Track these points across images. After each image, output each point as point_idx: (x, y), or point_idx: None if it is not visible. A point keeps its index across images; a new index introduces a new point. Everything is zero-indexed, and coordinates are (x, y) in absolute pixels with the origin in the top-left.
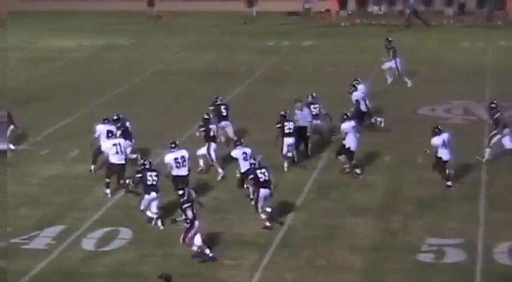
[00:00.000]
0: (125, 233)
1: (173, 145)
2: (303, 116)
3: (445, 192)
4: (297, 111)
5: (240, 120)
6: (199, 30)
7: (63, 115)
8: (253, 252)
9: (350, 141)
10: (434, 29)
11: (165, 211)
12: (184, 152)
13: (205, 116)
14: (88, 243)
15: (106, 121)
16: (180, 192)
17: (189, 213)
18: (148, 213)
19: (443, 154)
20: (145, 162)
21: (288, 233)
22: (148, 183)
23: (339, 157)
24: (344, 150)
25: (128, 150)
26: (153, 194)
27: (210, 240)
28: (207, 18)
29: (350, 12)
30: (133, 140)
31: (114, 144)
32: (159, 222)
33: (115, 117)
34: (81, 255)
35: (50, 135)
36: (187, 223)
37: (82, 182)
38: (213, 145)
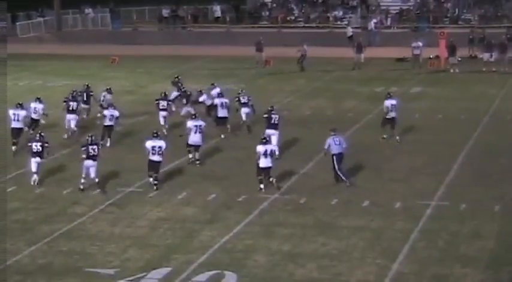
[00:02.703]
0: (230, 277)
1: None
2: None
3: None
4: None
5: (346, 166)
6: (307, 76)
7: (169, 158)
8: None
9: None
10: None
11: None
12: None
13: None
14: None
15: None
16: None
17: None
18: None
19: None
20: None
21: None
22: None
23: None
24: None
25: None
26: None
27: None
28: (316, 64)
29: (460, 59)
30: None
31: None
32: None
33: None
34: None
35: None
36: None
37: (189, 225)
38: None
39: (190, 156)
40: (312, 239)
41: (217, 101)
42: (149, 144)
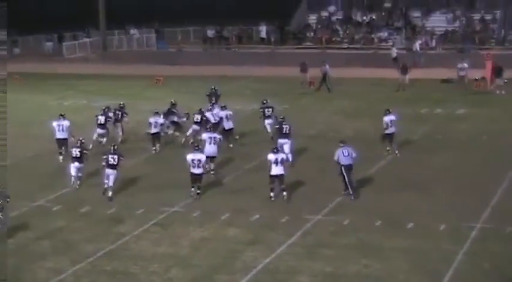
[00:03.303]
0: None
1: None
2: None
3: None
4: None
5: (391, 187)
6: (351, 97)
7: (213, 178)
8: None
9: None
10: None
11: None
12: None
13: None
14: None
15: None
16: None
17: None
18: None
19: None
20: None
21: None
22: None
23: None
24: None
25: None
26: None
27: None
28: (360, 85)
29: (506, 81)
30: None
31: None
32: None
33: None
34: None
35: (201, 198)
36: None
37: (232, 246)
38: None
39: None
40: (356, 260)
41: (222, 113)
42: (189, 157)
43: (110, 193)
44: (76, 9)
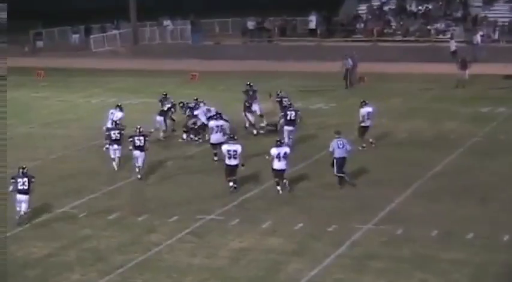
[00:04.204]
0: None
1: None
2: None
3: None
4: None
5: (448, 194)
6: (403, 95)
7: (252, 183)
8: None
9: None
10: None
11: None
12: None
13: None
14: None
15: None
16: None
17: None
18: None
19: None
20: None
21: None
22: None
23: None
24: None
25: None
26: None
27: None
28: (413, 81)
29: None
30: None
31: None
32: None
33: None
34: None
35: (240, 205)
36: None
37: (274, 257)
38: None
39: (216, 158)
40: (409, 274)
41: (211, 123)
42: (225, 148)
43: (139, 175)
44: None
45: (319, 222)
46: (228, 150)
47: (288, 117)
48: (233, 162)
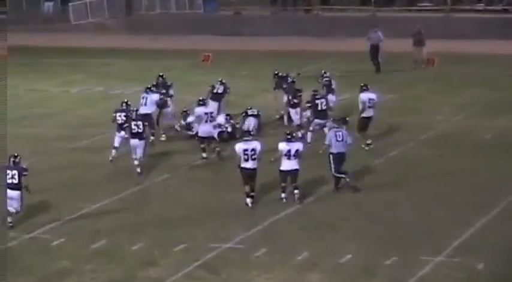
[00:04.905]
0: None
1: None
2: None
3: None
4: None
5: None
6: (486, 83)
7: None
8: None
9: None
10: None
11: None
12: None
13: None
14: None
15: None
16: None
17: None
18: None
19: None
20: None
21: None
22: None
23: None
24: None
25: None
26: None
27: None
28: (501, 65)
29: None
30: None
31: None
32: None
33: None
34: None
35: (267, 229)
36: None
37: None
38: None
39: (204, 154)
40: None
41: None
42: (240, 147)
43: (139, 169)
44: None
45: (372, 253)
46: (245, 150)
47: (319, 108)
48: (251, 164)
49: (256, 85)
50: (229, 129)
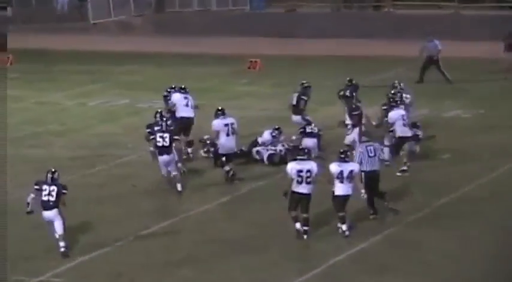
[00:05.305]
0: None
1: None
2: None
3: None
4: None
5: None
6: None
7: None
8: None
9: None
10: None
11: None
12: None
13: None
14: None
15: None
16: None
17: None
18: None
19: None
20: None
21: None
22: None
23: None
24: None
25: None
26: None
27: None
28: None
29: None
30: None
31: None
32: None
33: None
34: None
35: (327, 273)
36: None
37: None
38: None
39: (227, 167)
40: None
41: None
42: (293, 167)
43: (179, 185)
44: None
45: None
46: (299, 171)
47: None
48: (305, 189)
49: (314, 97)
50: (282, 152)
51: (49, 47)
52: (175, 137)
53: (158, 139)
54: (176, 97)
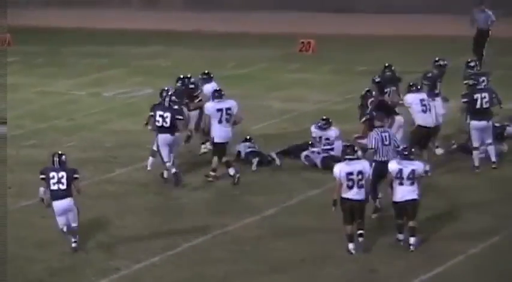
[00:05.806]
0: None
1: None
2: None
3: None
4: None
5: None
6: None
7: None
8: None
9: None
10: None
11: None
12: None
13: None
14: None
15: None
16: None
17: None
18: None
19: None
20: None
21: None
22: None
23: None
24: None
25: None
26: None
27: None
28: None
29: None
30: None
31: None
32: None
33: None
34: None
35: None
36: None
37: None
38: None
39: (231, 171)
40: None
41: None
42: (341, 169)
43: (174, 169)
44: None
45: None
46: (348, 174)
47: (479, 105)
48: (357, 195)
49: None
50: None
51: (56, 25)
52: (179, 117)
53: (158, 118)
54: (208, 88)
